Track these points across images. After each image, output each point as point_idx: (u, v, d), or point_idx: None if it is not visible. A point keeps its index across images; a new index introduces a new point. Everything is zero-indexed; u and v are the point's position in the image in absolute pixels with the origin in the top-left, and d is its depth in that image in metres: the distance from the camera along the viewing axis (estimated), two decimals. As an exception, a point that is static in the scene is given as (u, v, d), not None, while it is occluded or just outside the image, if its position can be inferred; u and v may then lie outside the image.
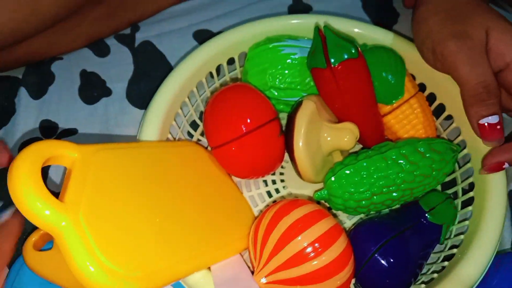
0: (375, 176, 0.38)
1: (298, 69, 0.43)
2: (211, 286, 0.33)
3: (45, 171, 0.45)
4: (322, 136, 0.41)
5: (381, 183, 0.38)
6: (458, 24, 0.39)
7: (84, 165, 0.29)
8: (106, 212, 0.28)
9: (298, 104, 0.41)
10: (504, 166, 0.37)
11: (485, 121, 0.37)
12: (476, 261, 0.35)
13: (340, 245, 0.33)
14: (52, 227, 0.26)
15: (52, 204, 0.26)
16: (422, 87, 0.46)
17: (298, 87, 0.44)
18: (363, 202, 0.38)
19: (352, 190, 0.38)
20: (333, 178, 0.38)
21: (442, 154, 0.40)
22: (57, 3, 0.45)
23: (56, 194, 0.27)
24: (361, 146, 0.46)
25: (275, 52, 0.43)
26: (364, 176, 0.38)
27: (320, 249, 0.32)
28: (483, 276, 0.35)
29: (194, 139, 0.47)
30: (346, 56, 0.39)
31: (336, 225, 0.35)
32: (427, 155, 0.39)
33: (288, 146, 0.40)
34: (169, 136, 0.42)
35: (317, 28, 0.41)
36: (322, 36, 0.40)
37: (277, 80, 0.43)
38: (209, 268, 0.34)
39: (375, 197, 0.38)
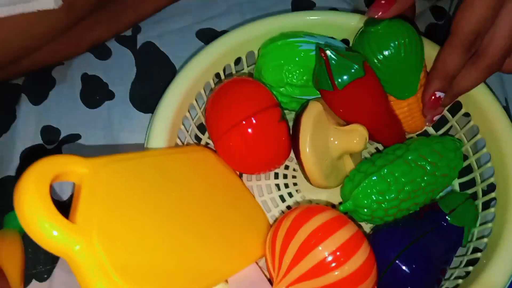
0: (402, 181, 0.36)
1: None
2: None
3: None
4: (330, 139, 0.40)
5: (408, 188, 0.36)
6: None
7: (94, 181, 0.28)
8: (118, 230, 0.27)
9: (305, 106, 0.40)
10: (438, 96, 0.38)
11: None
12: (502, 265, 0.34)
13: (363, 253, 0.32)
14: (66, 251, 0.24)
15: (64, 227, 0.24)
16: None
17: (315, 85, 0.42)
18: (391, 210, 0.37)
19: (381, 198, 0.36)
20: (357, 190, 0.37)
21: (454, 152, 0.39)
22: (68, 15, 0.43)
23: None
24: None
25: (292, 47, 0.42)
26: (391, 182, 0.36)
27: (342, 259, 0.31)
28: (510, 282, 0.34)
29: (203, 142, 0.45)
30: (352, 77, 0.37)
31: (358, 232, 0.33)
32: (443, 154, 0.38)
33: (295, 149, 0.39)
34: (178, 140, 0.41)
35: (318, 49, 0.39)
36: (324, 56, 0.38)
37: (294, 76, 0.42)
38: (226, 281, 0.33)
39: (403, 203, 0.37)
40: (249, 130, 0.38)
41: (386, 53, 0.39)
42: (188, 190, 0.35)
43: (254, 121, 0.38)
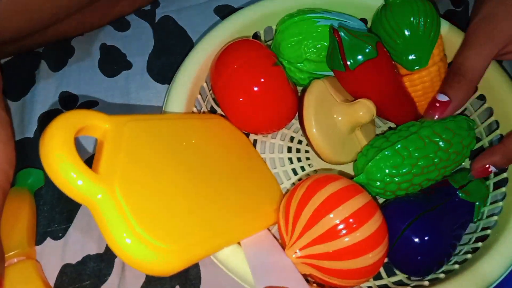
0: (415, 156, 0.37)
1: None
2: (241, 261, 0.32)
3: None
4: (336, 115, 0.40)
5: (421, 163, 0.37)
6: None
7: (116, 136, 0.29)
8: (140, 184, 0.28)
9: (307, 86, 0.40)
10: (490, 170, 0.38)
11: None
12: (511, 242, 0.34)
13: (376, 221, 0.32)
14: (88, 199, 0.25)
15: (88, 176, 0.25)
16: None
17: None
18: (404, 184, 0.37)
19: (394, 172, 0.37)
20: (370, 163, 0.37)
21: (467, 131, 0.39)
22: None
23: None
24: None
25: (311, 23, 0.42)
26: (405, 157, 0.37)
27: (354, 225, 0.31)
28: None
29: (219, 113, 0.46)
30: (364, 58, 0.38)
31: (371, 201, 0.33)
32: (456, 132, 0.38)
33: (302, 129, 0.40)
34: (194, 109, 0.41)
35: (331, 29, 0.39)
36: (338, 37, 0.38)
37: (313, 52, 0.42)
38: (238, 243, 0.33)
39: (415, 178, 0.37)
40: (245, 74, 0.39)
41: (403, 26, 0.39)
42: (204, 153, 0.35)
43: (248, 65, 0.39)
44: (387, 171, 0.37)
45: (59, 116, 0.27)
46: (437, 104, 0.38)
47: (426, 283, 0.35)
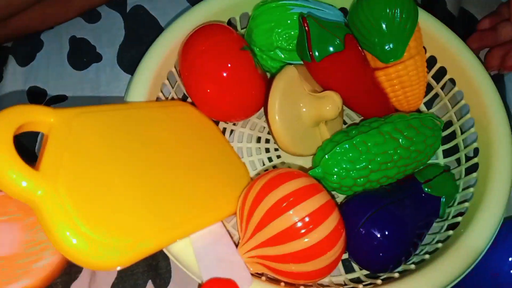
0: (373, 152, 0.36)
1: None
2: (193, 255, 0.31)
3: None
4: (302, 105, 0.39)
5: (379, 159, 0.36)
6: None
7: (62, 130, 0.28)
8: (87, 179, 0.27)
9: (279, 70, 0.39)
10: None
11: None
12: (482, 228, 0.34)
13: (332, 221, 0.31)
14: (28, 197, 0.24)
15: (26, 173, 0.24)
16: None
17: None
18: (360, 180, 0.36)
19: (350, 166, 0.36)
20: (327, 156, 0.36)
21: (432, 130, 0.38)
22: None
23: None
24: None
25: (283, 10, 0.41)
26: (362, 151, 0.36)
27: (311, 226, 0.30)
28: (490, 244, 0.33)
29: (189, 101, 0.45)
30: (330, 50, 0.37)
31: (330, 200, 0.32)
32: (420, 130, 0.37)
33: (265, 112, 0.38)
34: (161, 95, 0.40)
35: (300, 18, 0.38)
36: (306, 26, 0.37)
37: (284, 40, 0.41)
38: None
39: (372, 174, 0.36)
40: (213, 55, 0.38)
41: (379, 17, 0.38)
42: (163, 143, 0.34)
43: (215, 47, 0.38)
44: (343, 165, 0.36)
45: (-1, 112, 0.26)
46: None
47: (379, 281, 0.34)
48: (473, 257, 0.32)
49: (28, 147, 0.44)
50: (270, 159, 0.44)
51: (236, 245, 0.33)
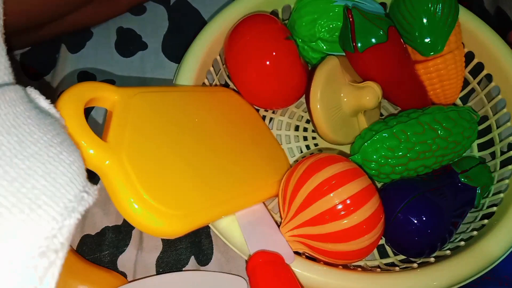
0: (412, 141, 0.37)
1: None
2: (238, 232, 0.33)
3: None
4: (342, 95, 0.40)
5: (417, 148, 0.37)
6: None
7: (125, 107, 0.30)
8: (147, 152, 0.29)
9: (321, 60, 0.41)
10: None
11: None
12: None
13: (372, 205, 0.32)
14: (97, 165, 0.27)
15: (96, 144, 0.26)
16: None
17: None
18: (399, 168, 0.37)
19: (389, 154, 0.37)
20: (366, 144, 0.37)
21: (469, 122, 0.39)
22: None
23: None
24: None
25: (326, 2, 0.42)
26: (402, 140, 0.37)
27: (352, 208, 0.31)
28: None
29: (231, 87, 0.47)
30: (374, 41, 0.38)
31: (370, 185, 0.33)
32: (458, 122, 0.38)
33: (307, 100, 0.40)
34: (206, 81, 0.42)
35: (345, 9, 0.39)
36: (350, 17, 0.38)
37: (326, 31, 0.42)
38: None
39: (411, 162, 0.37)
40: (256, 45, 0.40)
41: (421, 11, 0.40)
42: (210, 125, 0.36)
43: (259, 36, 0.40)
44: (382, 153, 0.37)
45: (70, 88, 0.28)
46: None
47: (415, 265, 0.35)
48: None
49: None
50: (307, 147, 0.45)
51: (277, 226, 0.35)
